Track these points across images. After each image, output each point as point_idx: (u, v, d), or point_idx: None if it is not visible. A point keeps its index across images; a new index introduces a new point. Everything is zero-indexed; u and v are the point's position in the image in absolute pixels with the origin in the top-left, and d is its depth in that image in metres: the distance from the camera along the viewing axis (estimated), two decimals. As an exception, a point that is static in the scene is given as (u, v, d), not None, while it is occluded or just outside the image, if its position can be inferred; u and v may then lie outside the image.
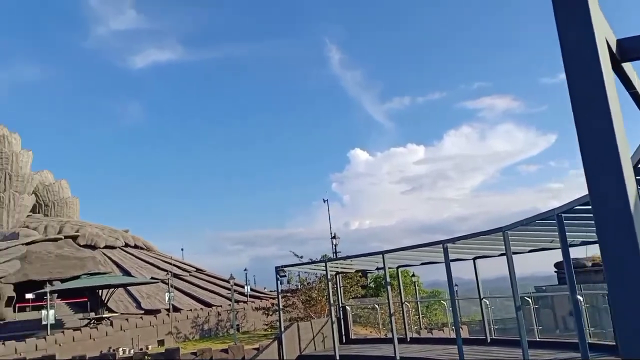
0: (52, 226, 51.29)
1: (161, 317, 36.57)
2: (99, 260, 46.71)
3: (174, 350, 22.57)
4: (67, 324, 34.68)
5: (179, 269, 51.50)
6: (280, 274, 20.61)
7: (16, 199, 52.68)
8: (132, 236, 56.71)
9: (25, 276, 41.94)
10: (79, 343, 29.21)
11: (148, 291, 43.71)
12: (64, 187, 61.24)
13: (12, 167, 53.21)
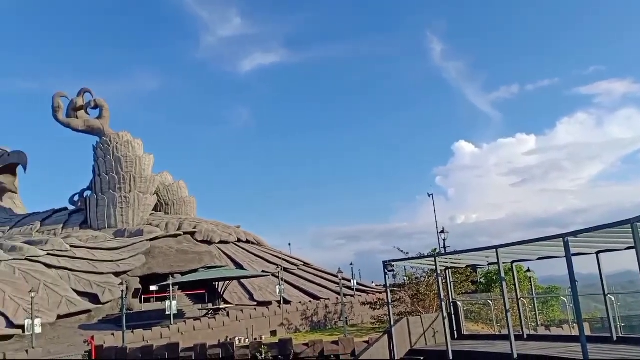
0: (172, 223, 54.98)
1: (273, 308, 37.90)
2: (215, 255, 49.37)
3: (287, 341, 23.31)
4: (188, 314, 37.03)
5: (288, 262, 53.06)
6: (388, 269, 20.51)
7: (140, 199, 57.04)
8: (243, 231, 59.31)
9: (150, 270, 45.37)
10: (199, 332, 31.13)
11: (260, 284, 45.50)
12: (182, 187, 65.32)
13: (136, 170, 57.68)
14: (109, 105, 62.66)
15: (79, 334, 32.97)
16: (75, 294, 39.13)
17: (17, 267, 40.99)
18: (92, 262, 44.28)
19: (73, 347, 29.51)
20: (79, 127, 61.69)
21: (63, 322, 35.65)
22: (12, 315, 33.65)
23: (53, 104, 62.08)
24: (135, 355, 25.16)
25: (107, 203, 56.10)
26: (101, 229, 54.63)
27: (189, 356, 24.03)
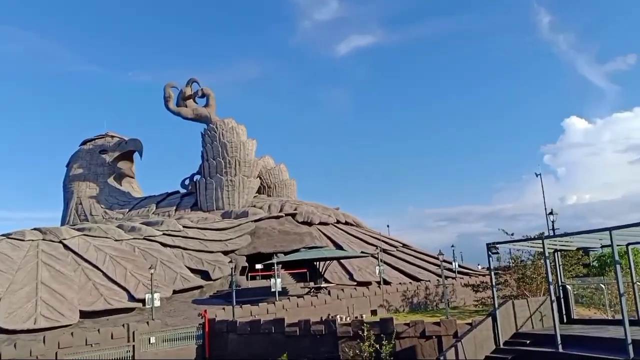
0: (274, 205, 56.97)
1: (372, 288, 38.31)
2: (315, 236, 50.58)
3: (387, 320, 23.48)
4: (291, 292, 38.42)
5: (387, 244, 53.15)
6: (492, 251, 20.01)
7: (245, 182, 59.63)
8: (342, 213, 60.16)
9: (255, 249, 47.43)
10: (302, 309, 32.23)
11: (359, 264, 46.04)
12: (282, 170, 67.38)
13: (241, 155, 60.31)
14: (214, 94, 65.84)
15: (193, 308, 35.33)
16: (189, 271, 41.83)
17: (136, 246, 44.54)
18: (203, 242, 47.04)
19: (188, 319, 31.67)
20: (188, 115, 65.45)
21: (178, 296, 38.31)
22: (133, 290, 36.71)
23: (164, 94, 66.27)
24: (244, 328, 26.57)
25: (215, 186, 59.21)
26: (210, 211, 57.82)
27: (293, 331, 24.96)
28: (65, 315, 31.65)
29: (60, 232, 43.87)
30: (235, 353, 25.53)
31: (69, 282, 36.32)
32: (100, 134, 71.92)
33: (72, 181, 68.35)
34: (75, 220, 64.22)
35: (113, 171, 69.13)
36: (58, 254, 40.40)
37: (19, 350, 23.94)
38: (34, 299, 33.04)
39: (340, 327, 24.34)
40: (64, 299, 33.65)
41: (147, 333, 27.02)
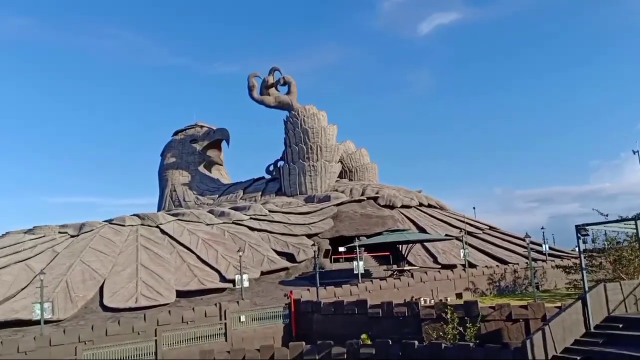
0: (356, 189, 57.36)
1: (457, 271, 37.82)
2: (397, 219, 50.45)
3: (472, 303, 23.25)
4: (374, 274, 38.76)
5: (472, 226, 52.03)
6: (581, 233, 19.27)
7: (326, 167, 60.44)
8: (425, 196, 59.46)
9: (337, 232, 48.11)
10: (384, 291, 32.50)
11: (443, 247, 45.48)
12: (363, 154, 67.50)
13: (322, 140, 61.10)
14: (295, 81, 67.00)
15: (279, 289, 36.63)
16: (275, 254, 43.28)
17: (226, 229, 46.64)
18: (288, 225, 48.40)
19: (275, 299, 32.94)
20: (271, 104, 67.15)
21: (265, 278, 39.81)
22: (224, 271, 38.58)
23: (248, 84, 68.33)
24: (328, 309, 27.29)
25: (298, 172, 60.51)
26: (293, 196, 59.23)
27: (376, 312, 25.34)
28: (163, 295, 33.92)
29: (157, 217, 46.83)
30: (319, 332, 26.30)
31: (165, 264, 38.81)
32: (190, 125, 75.46)
33: (166, 169, 72.44)
34: (169, 206, 68.14)
35: (203, 159, 72.40)
36: (155, 238, 43.22)
37: (122, 327, 26.08)
38: (134, 280, 35.65)
39: (423, 309, 24.41)
40: (162, 280, 36.04)
41: (238, 312, 28.45)
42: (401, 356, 20.82)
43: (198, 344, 25.68)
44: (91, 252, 39.27)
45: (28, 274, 35.97)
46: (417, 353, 20.46)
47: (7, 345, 23.67)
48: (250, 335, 27.67)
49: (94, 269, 36.73)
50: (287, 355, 22.81)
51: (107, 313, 31.51)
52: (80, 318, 30.80)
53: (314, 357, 22.45)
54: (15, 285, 34.30)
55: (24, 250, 40.11)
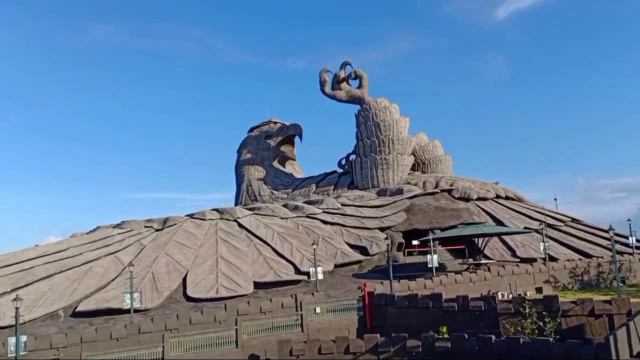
0: (429, 182, 56.65)
1: (537, 265, 36.63)
2: (473, 211, 49.40)
3: (552, 297, 22.58)
4: (448, 268, 38.26)
5: (553, 219, 50.07)
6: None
7: (399, 160, 60.03)
8: (502, 188, 57.77)
9: (410, 225, 47.80)
10: (460, 285, 32.07)
11: (522, 240, 44.12)
12: (437, 146, 66.46)
13: (394, 133, 60.73)
14: (367, 74, 66.92)
15: (353, 281, 36.99)
16: (348, 247, 43.67)
17: (300, 223, 47.58)
18: (360, 219, 48.66)
19: (348, 292, 33.32)
20: (342, 98, 67.49)
21: (339, 270, 40.29)
22: (299, 263, 39.43)
23: (320, 80, 69.00)
24: (402, 302, 27.32)
25: (370, 165, 60.53)
26: (365, 189, 59.35)
27: (451, 306, 25.12)
28: (241, 286, 35.20)
29: (235, 211, 48.54)
30: (393, 325, 26.40)
31: (243, 256, 40.23)
32: (265, 121, 77.33)
33: (242, 165, 74.71)
34: (246, 200, 70.28)
35: (277, 154, 74.01)
36: (233, 231, 44.87)
37: (205, 316, 27.41)
38: (215, 272, 37.22)
39: (501, 303, 23.95)
40: (240, 272, 37.40)
41: (313, 303, 29.08)
42: (477, 350, 20.55)
43: (275, 333, 26.51)
44: (175, 245, 41.38)
45: (117, 266, 38.46)
46: (494, 347, 20.13)
47: (101, 331, 25.55)
48: (326, 326, 28.21)
49: (177, 261, 38.68)
50: (362, 347, 23.10)
51: (190, 303, 33.15)
52: (165, 307, 32.61)
53: (389, 349, 22.60)
54: (106, 277, 36.79)
55: (113, 243, 42.90)
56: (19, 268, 38.36)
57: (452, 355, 21.16)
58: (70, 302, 33.07)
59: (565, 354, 17.95)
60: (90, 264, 38.43)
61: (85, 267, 37.81)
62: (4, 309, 32.11)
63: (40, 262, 39.22)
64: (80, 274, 36.81)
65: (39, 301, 32.94)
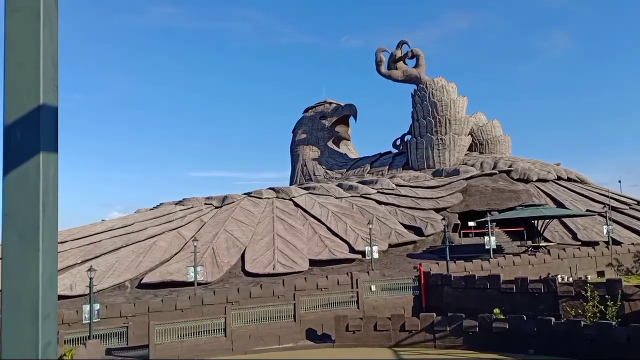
0: (487, 162, 55.57)
1: (600, 249, 35.59)
2: (532, 193, 48.22)
3: (615, 281, 22.02)
4: (506, 250, 37.68)
5: (617, 201, 48.24)
6: None
7: (455, 140, 59.13)
8: (564, 169, 56.02)
9: (467, 207, 47.20)
10: (518, 267, 31.59)
11: (584, 223, 42.84)
12: (495, 126, 64.92)
13: (451, 113, 59.76)
14: (424, 53, 65.91)
15: (407, 261, 37.09)
16: (402, 227, 43.68)
17: (354, 203, 47.91)
18: (415, 199, 48.46)
19: (402, 271, 33.47)
20: (399, 78, 66.82)
21: (393, 250, 40.45)
22: (353, 242, 39.84)
23: (376, 59, 68.50)
24: (459, 283, 27.25)
25: (425, 145, 59.93)
26: (421, 170, 58.89)
27: (509, 288, 24.86)
28: (297, 263, 36.01)
29: (290, 191, 49.38)
30: (449, 305, 26.43)
31: (299, 234, 41.01)
32: (320, 102, 77.70)
33: (297, 145, 75.56)
34: (300, 180, 71.20)
35: (331, 135, 74.35)
36: (289, 210, 45.72)
37: (264, 290, 28.30)
38: (272, 248, 38.19)
39: (561, 286, 23.54)
40: (296, 249, 38.21)
41: (368, 282, 29.45)
42: (536, 332, 20.40)
43: (332, 309, 27.09)
44: (233, 222, 42.64)
45: (180, 241, 40.09)
46: (554, 329, 19.93)
47: (167, 302, 26.91)
48: (381, 304, 28.53)
49: (236, 237, 39.91)
50: (417, 325, 23.33)
51: (248, 278, 34.26)
52: (225, 282, 33.86)
53: (445, 328, 22.73)
54: (169, 251, 38.45)
55: (176, 219, 44.65)
56: (88, 241, 40.67)
57: (509, 336, 21.09)
58: (136, 274, 34.87)
59: (628, 338, 17.59)
60: (154, 238, 40.22)
61: (150, 242, 39.61)
62: (75, 280, 34.30)
63: (107, 236, 41.42)
64: (145, 247, 38.62)
65: (107, 273, 34.89)
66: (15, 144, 1.58)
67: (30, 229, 1.54)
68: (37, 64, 1.61)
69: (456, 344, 22.34)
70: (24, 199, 1.56)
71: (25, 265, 1.53)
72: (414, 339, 23.23)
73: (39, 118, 1.60)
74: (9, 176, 1.57)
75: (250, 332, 24.60)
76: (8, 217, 1.55)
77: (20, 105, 1.60)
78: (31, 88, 1.60)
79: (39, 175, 1.57)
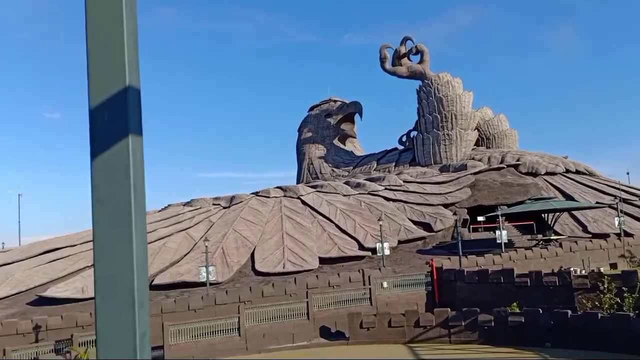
0: (494, 157, 55.37)
1: (611, 241, 35.44)
2: (541, 187, 48.01)
3: (631, 272, 21.90)
4: (517, 244, 37.53)
5: (627, 193, 47.97)
6: None
7: (462, 135, 58.90)
8: (572, 162, 55.76)
9: (475, 201, 47.02)
10: (530, 261, 31.47)
11: (594, 215, 42.63)
12: (502, 120, 64.62)
13: (457, 108, 59.51)
14: (428, 49, 65.64)
15: (417, 257, 36.98)
16: (411, 223, 43.56)
17: (362, 200, 47.81)
18: (423, 195, 48.32)
19: (413, 267, 33.39)
20: (403, 74, 66.62)
21: (402, 247, 40.34)
22: (362, 239, 39.77)
23: (380, 56, 68.33)
24: (472, 277, 27.16)
25: (432, 141, 59.73)
26: (428, 165, 58.71)
27: (524, 282, 24.76)
28: (307, 261, 35.95)
29: (298, 189, 49.34)
30: (463, 300, 26.34)
31: (307, 232, 40.96)
32: (325, 100, 77.56)
33: (303, 144, 75.47)
34: (307, 178, 71.12)
35: (337, 132, 74.23)
36: (297, 208, 45.68)
37: (276, 289, 28.30)
38: (281, 247, 38.15)
39: (576, 279, 23.43)
40: (305, 247, 38.16)
41: (380, 278, 29.39)
42: (553, 325, 20.29)
43: (345, 306, 27.03)
44: (242, 221, 42.64)
45: (189, 242, 40.10)
46: (571, 322, 19.81)
47: (180, 303, 26.92)
48: (394, 300, 28.46)
49: (245, 237, 39.90)
50: (432, 321, 23.25)
51: (258, 277, 34.22)
52: (236, 281, 33.84)
53: (460, 323, 22.65)
54: (179, 252, 38.47)
55: (184, 220, 44.68)
56: (98, 244, 40.73)
57: (525, 329, 20.99)
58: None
59: (648, 329, 17.47)
60: (163, 240, 40.24)
61: (159, 243, 39.63)
62: (87, 283, 34.35)
63: (117, 238, 41.47)
64: (154, 249, 38.63)
65: (119, 274, 34.93)
66: (103, 126, 1.53)
67: (122, 214, 1.48)
68: (120, 43, 1.55)
69: (472, 338, 22.26)
70: (115, 184, 1.50)
71: (119, 251, 1.47)
72: (429, 334, 23.15)
73: (126, 100, 1.54)
74: (98, 161, 1.51)
75: (264, 331, 24.58)
76: (99, 203, 1.49)
77: (106, 87, 1.54)
78: (116, 69, 1.54)
79: (128, 158, 1.51)
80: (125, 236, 1.48)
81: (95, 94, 1.53)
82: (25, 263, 38.11)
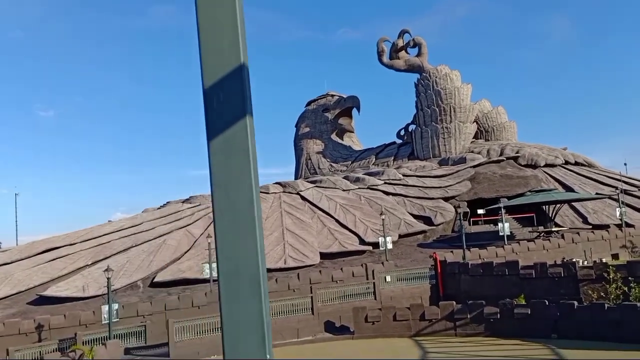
0: (493, 149, 55.36)
1: (612, 231, 35.54)
2: (541, 178, 48.07)
3: (636, 262, 21.95)
4: (518, 236, 37.57)
5: (627, 184, 48.12)
6: None
7: (461, 128, 58.81)
8: (571, 153, 55.87)
9: (475, 194, 47.03)
10: (533, 252, 31.51)
11: (594, 207, 42.75)
12: (500, 112, 64.57)
13: (455, 101, 59.36)
14: (426, 42, 65.44)
15: (418, 251, 37.00)
16: (411, 217, 43.56)
17: (361, 195, 47.75)
18: (423, 189, 48.30)
19: (415, 261, 33.40)
20: (401, 67, 66.40)
21: (403, 240, 40.33)
22: (363, 234, 39.75)
23: (377, 50, 68.05)
24: (476, 270, 27.14)
25: (431, 134, 59.65)
26: (426, 159, 58.65)
27: (529, 273, 24.77)
28: (308, 257, 35.92)
29: (297, 185, 49.22)
30: (467, 292, 26.31)
31: (308, 228, 40.90)
32: (322, 95, 77.22)
33: (301, 139, 75.19)
34: (305, 173, 70.91)
35: (335, 127, 73.97)
36: (297, 204, 45.59)
37: (279, 284, 28.22)
38: (282, 243, 38.08)
39: (581, 269, 23.46)
40: (306, 243, 38.11)
41: (383, 272, 29.35)
42: (559, 316, 20.31)
43: (349, 301, 27.00)
44: (242, 218, 42.49)
45: (189, 239, 39.96)
46: (578, 313, 19.83)
47: (184, 299, 26.83)
48: (398, 294, 28.44)
49: (246, 233, 39.77)
50: (437, 314, 23.25)
51: (261, 273, 34.14)
52: (238, 277, 33.72)
53: (465, 316, 22.65)
54: (179, 249, 38.33)
55: (184, 217, 44.52)
56: (97, 242, 40.56)
57: (531, 321, 21.00)
58: (147, 273, 34.75)
59: (656, 319, 17.49)
60: (163, 237, 40.10)
61: (159, 240, 39.50)
62: (87, 281, 34.19)
63: (116, 237, 41.30)
64: (155, 246, 38.50)
65: (119, 273, 34.74)
66: (219, 106, 1.42)
67: (245, 200, 1.39)
68: (234, 19, 1.45)
69: (477, 331, 22.27)
70: (235, 167, 1.40)
71: (243, 239, 1.37)
72: (435, 327, 23.16)
73: (242, 78, 1.43)
74: (215, 142, 1.41)
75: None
76: (218, 187, 1.39)
77: (221, 66, 1.44)
78: (231, 46, 1.44)
79: (247, 139, 1.41)
80: (248, 223, 1.38)
81: (209, 73, 1.43)
82: (24, 262, 37.89)
